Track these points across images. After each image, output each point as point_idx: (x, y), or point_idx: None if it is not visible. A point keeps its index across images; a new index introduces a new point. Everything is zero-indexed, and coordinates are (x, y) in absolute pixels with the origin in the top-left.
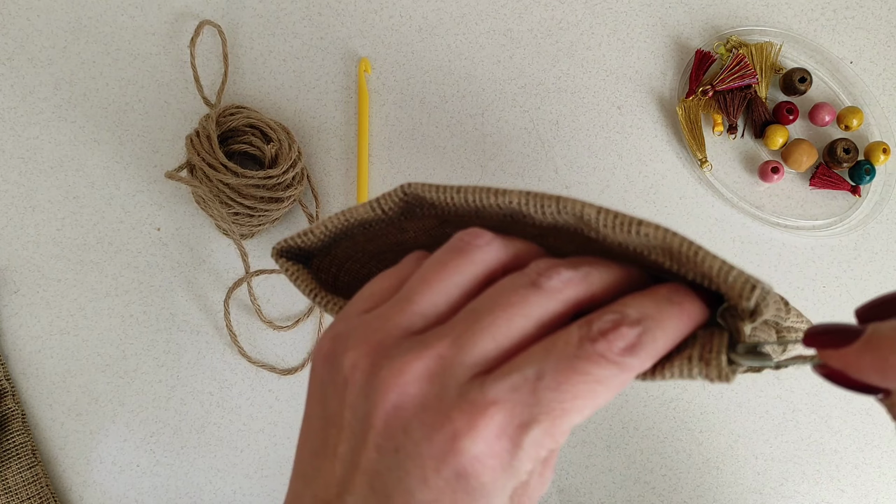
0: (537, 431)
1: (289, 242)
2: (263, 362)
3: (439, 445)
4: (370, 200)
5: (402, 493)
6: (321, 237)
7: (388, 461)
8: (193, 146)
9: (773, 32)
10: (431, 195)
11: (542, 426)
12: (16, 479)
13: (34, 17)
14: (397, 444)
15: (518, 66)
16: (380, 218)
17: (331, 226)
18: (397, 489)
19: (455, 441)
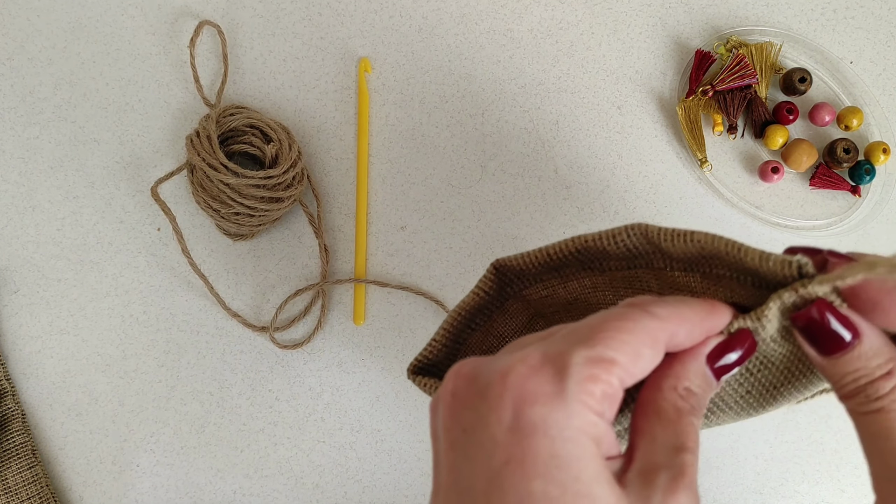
0: (578, 355)
1: (420, 360)
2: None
3: (492, 399)
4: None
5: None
6: (444, 340)
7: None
8: (193, 146)
9: (773, 32)
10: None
11: (582, 350)
12: (16, 479)
13: (34, 17)
14: (463, 424)
15: (518, 66)
16: (483, 299)
17: (448, 326)
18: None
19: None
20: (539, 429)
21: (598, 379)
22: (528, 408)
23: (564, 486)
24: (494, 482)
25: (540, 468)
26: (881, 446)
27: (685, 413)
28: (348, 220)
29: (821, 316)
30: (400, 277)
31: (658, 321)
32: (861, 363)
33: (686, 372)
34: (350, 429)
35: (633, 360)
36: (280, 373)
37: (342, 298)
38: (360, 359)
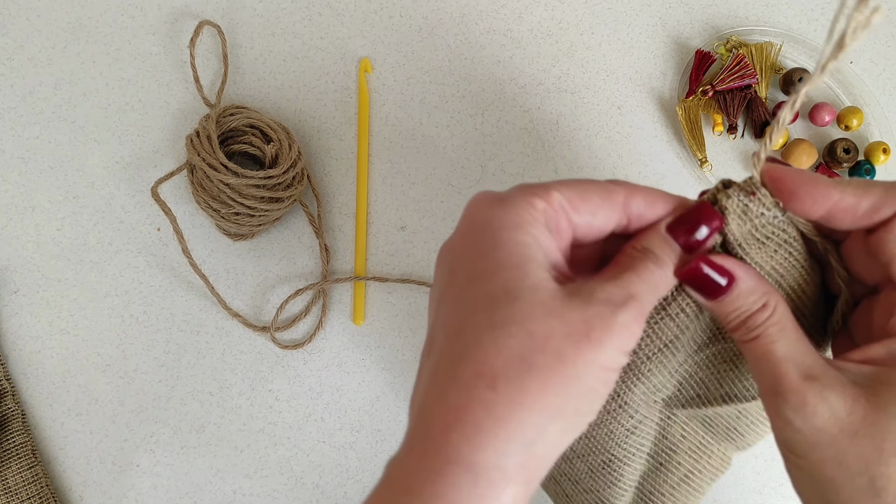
0: (520, 186)
1: None
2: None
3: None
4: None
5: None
6: None
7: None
8: (193, 146)
9: (773, 32)
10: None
11: (525, 185)
12: (16, 479)
13: (34, 17)
14: (439, 260)
15: (518, 66)
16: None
17: None
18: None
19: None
20: (483, 224)
21: (537, 195)
22: (476, 214)
23: (499, 261)
24: (454, 273)
25: (483, 252)
26: (762, 365)
27: (639, 258)
28: (348, 220)
29: (697, 266)
30: (400, 277)
31: (611, 181)
32: (740, 302)
33: (646, 235)
34: (350, 429)
35: (577, 195)
36: (280, 373)
37: (342, 298)
38: (360, 359)
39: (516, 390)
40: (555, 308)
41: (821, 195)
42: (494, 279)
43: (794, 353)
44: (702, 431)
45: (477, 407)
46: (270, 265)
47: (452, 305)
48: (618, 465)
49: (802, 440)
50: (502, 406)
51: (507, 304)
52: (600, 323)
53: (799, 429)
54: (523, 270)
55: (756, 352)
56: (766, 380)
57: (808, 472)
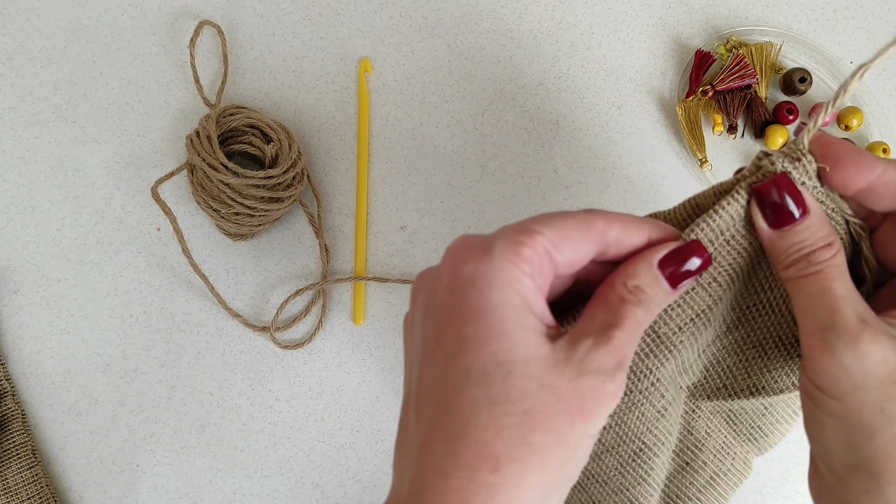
0: (506, 230)
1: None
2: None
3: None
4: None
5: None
6: None
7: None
8: (193, 146)
9: (773, 32)
10: None
11: (509, 227)
12: (16, 479)
13: (34, 17)
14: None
15: (518, 66)
16: None
17: None
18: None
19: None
20: (469, 282)
21: (522, 243)
22: (461, 267)
23: (490, 328)
24: (438, 335)
25: (472, 315)
26: (818, 301)
27: (629, 302)
28: (348, 220)
29: (777, 188)
30: (400, 277)
31: (589, 213)
32: (807, 234)
33: (636, 271)
34: (350, 429)
35: (560, 235)
36: (280, 373)
37: (342, 298)
38: (360, 359)
39: (519, 473)
40: (548, 381)
41: (866, 165)
42: (485, 350)
43: (851, 296)
44: (725, 430)
45: (481, 490)
46: (270, 265)
47: (442, 372)
48: (648, 454)
49: (846, 380)
50: (506, 489)
51: (502, 380)
52: (592, 395)
53: (846, 366)
54: (514, 340)
55: (813, 287)
56: (820, 314)
57: (841, 416)
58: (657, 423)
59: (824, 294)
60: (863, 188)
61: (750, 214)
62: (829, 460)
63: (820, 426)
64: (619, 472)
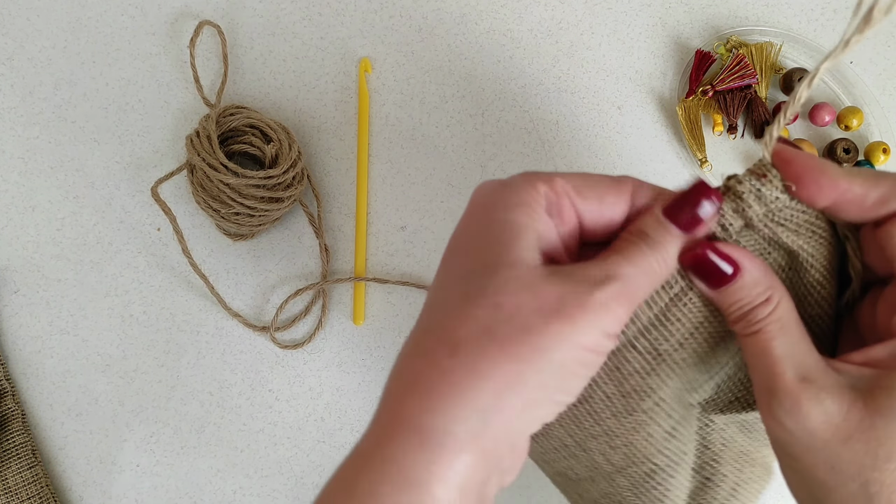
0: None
1: None
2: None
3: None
4: None
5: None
6: None
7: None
8: (193, 146)
9: (773, 32)
10: None
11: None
12: (16, 479)
13: (34, 16)
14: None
15: (518, 66)
16: None
17: None
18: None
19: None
20: (483, 205)
21: (540, 179)
22: (478, 197)
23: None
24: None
25: (476, 229)
26: (759, 362)
27: (632, 241)
28: (348, 220)
29: (703, 252)
30: (400, 277)
31: (620, 176)
32: (743, 293)
33: (641, 218)
34: (350, 429)
35: (584, 182)
36: (280, 373)
37: (342, 298)
38: (360, 359)
39: (474, 357)
40: (529, 283)
41: (828, 183)
42: (477, 254)
43: (792, 353)
44: (741, 438)
45: (433, 371)
46: (270, 265)
47: (437, 280)
48: (661, 476)
49: (795, 442)
50: (459, 372)
51: (482, 277)
52: (574, 299)
53: (791, 431)
54: (506, 246)
55: (755, 347)
56: (762, 377)
57: (800, 474)
58: (667, 443)
59: (763, 356)
60: (828, 205)
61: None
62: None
63: (787, 479)
64: (634, 493)
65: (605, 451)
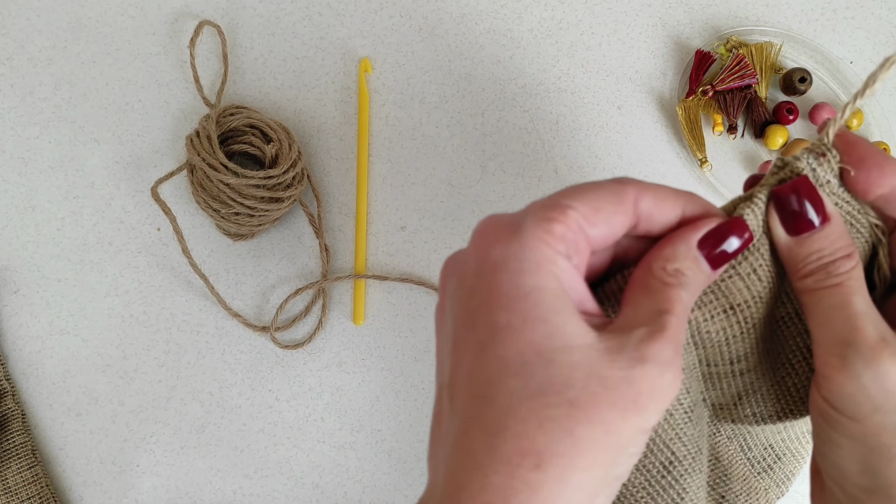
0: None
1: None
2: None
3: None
4: None
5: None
6: None
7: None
8: (193, 146)
9: (773, 32)
10: None
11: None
12: (16, 479)
13: (34, 17)
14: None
15: (518, 66)
16: None
17: None
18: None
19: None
20: (499, 266)
21: (554, 219)
22: (489, 250)
23: (525, 314)
24: (468, 323)
25: (503, 301)
26: (837, 315)
27: (672, 286)
28: (348, 220)
29: (797, 192)
30: (400, 277)
31: (619, 182)
32: (826, 243)
33: (675, 253)
34: (350, 429)
35: (592, 208)
36: (280, 373)
37: (342, 299)
38: (360, 359)
39: (563, 469)
40: (596, 371)
41: (890, 169)
42: (521, 338)
43: (871, 312)
44: (739, 458)
45: (522, 487)
46: (270, 265)
47: (475, 362)
48: (679, 470)
49: (865, 401)
50: (550, 486)
51: (543, 369)
52: (648, 386)
53: (865, 386)
54: (553, 326)
55: (832, 300)
56: (839, 329)
57: (859, 438)
58: (685, 427)
59: (844, 308)
60: (885, 193)
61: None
62: (843, 482)
63: (834, 447)
64: (648, 493)
65: None
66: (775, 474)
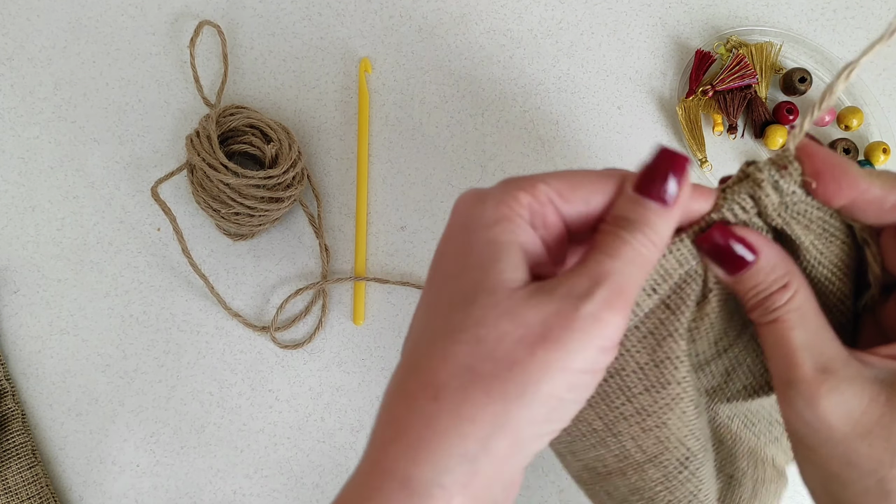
0: (502, 182)
1: None
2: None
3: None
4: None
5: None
6: None
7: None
8: (193, 146)
9: (773, 32)
10: None
11: (507, 180)
12: (16, 479)
13: (34, 16)
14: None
15: (518, 66)
16: None
17: None
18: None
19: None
20: (462, 225)
21: (521, 188)
22: (457, 215)
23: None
24: (429, 280)
25: (454, 253)
26: (777, 353)
27: (609, 232)
28: (348, 220)
29: (723, 238)
30: (400, 277)
31: (608, 170)
32: (760, 278)
33: (615, 203)
34: (350, 429)
35: (568, 184)
36: (280, 373)
37: (342, 298)
38: (360, 359)
39: (459, 401)
40: (510, 309)
41: (847, 183)
42: (457, 281)
43: (812, 342)
44: (746, 433)
45: (417, 419)
46: (270, 265)
47: (420, 311)
48: (695, 463)
49: (812, 434)
50: (443, 418)
51: (462, 309)
52: (559, 320)
53: (809, 422)
54: (486, 270)
55: (772, 336)
56: (780, 367)
57: (816, 466)
58: (696, 422)
59: (781, 345)
60: (846, 204)
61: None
62: (814, 497)
63: (801, 469)
64: (666, 488)
65: (636, 435)
66: (783, 444)
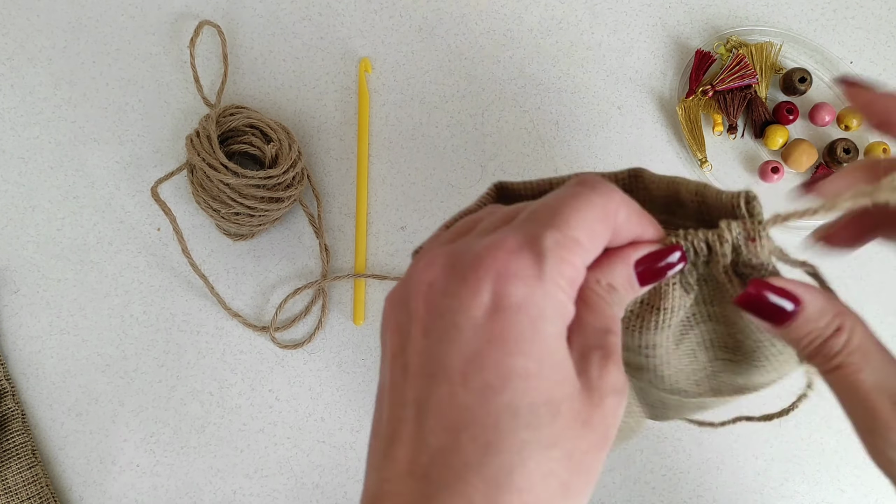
0: (551, 238)
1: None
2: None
3: (473, 282)
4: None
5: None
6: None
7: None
8: (193, 146)
9: (773, 32)
10: (520, 187)
11: (553, 233)
12: (16, 479)
13: (34, 16)
14: (441, 310)
15: (518, 66)
16: (479, 206)
17: (447, 224)
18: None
19: (479, 269)
20: (522, 308)
21: (568, 262)
22: (511, 288)
23: (541, 361)
24: (474, 361)
25: (522, 346)
26: (851, 401)
27: (607, 303)
28: (348, 220)
29: (758, 294)
30: (399, 276)
31: (604, 197)
32: (810, 326)
33: (612, 270)
34: (350, 429)
35: (591, 238)
36: (280, 373)
37: (342, 299)
38: (360, 359)
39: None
40: (582, 415)
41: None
42: (536, 386)
43: (882, 380)
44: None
45: None
46: (270, 265)
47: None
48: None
49: None
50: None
51: (551, 422)
52: (613, 420)
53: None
54: (563, 373)
55: (841, 384)
56: (858, 415)
57: None
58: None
59: (852, 392)
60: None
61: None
62: None
63: None
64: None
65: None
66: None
